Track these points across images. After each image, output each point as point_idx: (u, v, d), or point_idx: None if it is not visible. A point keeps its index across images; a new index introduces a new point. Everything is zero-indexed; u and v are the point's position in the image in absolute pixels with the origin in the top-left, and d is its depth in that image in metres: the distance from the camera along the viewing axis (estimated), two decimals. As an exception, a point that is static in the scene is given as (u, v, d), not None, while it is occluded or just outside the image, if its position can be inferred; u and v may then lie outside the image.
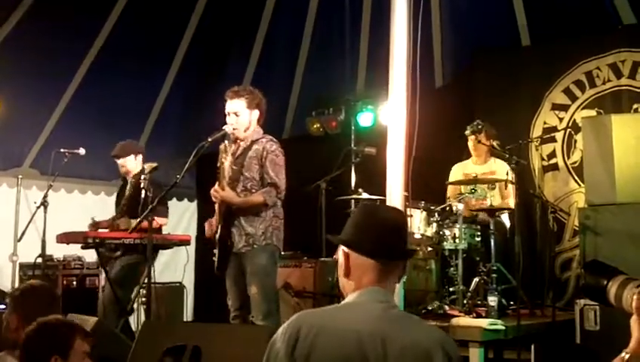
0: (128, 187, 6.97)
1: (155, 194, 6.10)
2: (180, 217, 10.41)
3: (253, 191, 5.48)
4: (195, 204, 10.79)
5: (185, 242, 6.87)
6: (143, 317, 6.44)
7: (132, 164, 6.96)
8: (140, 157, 6.99)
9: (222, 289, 5.61)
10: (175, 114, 10.06)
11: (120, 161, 6.99)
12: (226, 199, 5.42)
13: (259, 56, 9.88)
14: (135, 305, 6.78)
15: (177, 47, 9.53)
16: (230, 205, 5.44)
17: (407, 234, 2.65)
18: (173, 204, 8.97)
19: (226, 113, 5.57)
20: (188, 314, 9.48)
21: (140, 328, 4.77)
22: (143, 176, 6.28)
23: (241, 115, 5.55)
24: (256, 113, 5.60)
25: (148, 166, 6.63)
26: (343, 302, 2.48)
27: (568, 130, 8.07)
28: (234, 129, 5.55)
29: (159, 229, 6.75)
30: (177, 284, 8.80)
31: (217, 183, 5.48)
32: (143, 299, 6.36)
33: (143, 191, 6.22)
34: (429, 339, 2.29)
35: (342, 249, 2.56)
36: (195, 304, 10.06)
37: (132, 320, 6.77)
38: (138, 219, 6.01)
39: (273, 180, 5.48)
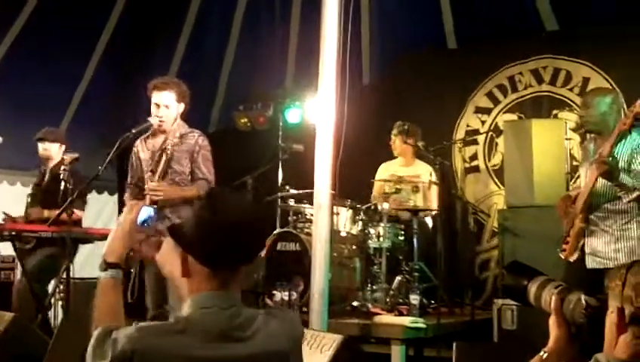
0: (47, 177, 6.82)
1: (75, 186, 5.96)
2: (100, 211, 10.17)
3: (182, 185, 5.42)
4: (115, 197, 10.59)
5: (106, 237, 6.73)
6: (60, 314, 6.30)
7: (56, 151, 6.82)
8: (63, 147, 6.86)
9: (142, 285, 5.52)
10: (97, 104, 9.84)
11: (45, 145, 6.82)
12: (168, 194, 5.28)
13: (185, 47, 9.78)
14: (53, 301, 6.63)
15: (100, 35, 9.34)
16: (169, 200, 5.29)
17: (256, 229, 2.28)
18: (93, 197, 8.79)
19: (154, 104, 5.42)
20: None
21: (58, 325, 4.69)
22: (63, 167, 6.14)
23: (170, 108, 5.42)
24: (182, 106, 5.49)
25: (69, 157, 6.51)
26: (185, 313, 2.16)
27: (490, 133, 8.23)
28: (161, 121, 5.42)
29: (78, 222, 6.62)
30: (98, 280, 8.64)
31: (149, 178, 5.35)
32: (62, 295, 6.21)
33: (63, 183, 6.07)
34: (280, 336, 2.19)
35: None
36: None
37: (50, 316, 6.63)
38: (57, 211, 5.88)
39: (205, 176, 5.40)
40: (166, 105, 5.40)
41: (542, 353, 2.27)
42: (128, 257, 2.57)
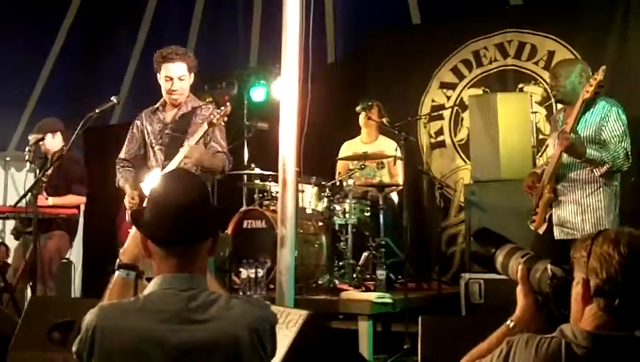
0: (49, 165, 6.75)
1: (69, 170, 6.37)
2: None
3: None
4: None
5: (73, 215, 6.71)
6: (29, 293, 6.27)
7: (50, 141, 6.67)
8: (57, 135, 6.70)
9: (110, 265, 5.46)
10: (61, 85, 9.78)
11: (38, 137, 6.72)
12: (201, 157, 4.99)
13: (149, 27, 9.70)
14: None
15: (64, 17, 9.27)
16: (199, 165, 5.01)
17: (207, 208, 2.34)
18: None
19: (165, 78, 5.19)
20: (76, 290, 9.29)
21: (26, 303, 4.67)
22: (27, 148, 6.28)
23: (185, 80, 5.22)
24: (192, 77, 5.31)
25: (33, 137, 6.50)
26: (145, 293, 2.23)
27: (455, 108, 8.24)
28: (179, 94, 5.22)
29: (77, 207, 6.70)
30: (65, 260, 8.59)
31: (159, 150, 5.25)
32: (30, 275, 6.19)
33: (28, 164, 6.25)
34: (237, 324, 2.15)
35: None
36: (84, 280, 9.85)
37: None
38: (59, 197, 6.30)
39: (223, 149, 5.25)
40: (180, 78, 5.20)
41: (508, 322, 2.28)
42: None
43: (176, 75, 5.18)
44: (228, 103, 5.17)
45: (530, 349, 1.99)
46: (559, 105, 5.55)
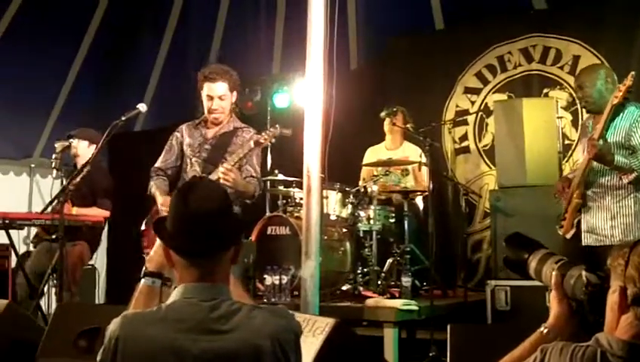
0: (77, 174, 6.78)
1: (97, 182, 6.43)
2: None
3: None
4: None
5: (98, 224, 6.73)
6: (54, 300, 6.29)
7: (83, 149, 6.70)
8: (93, 146, 6.64)
9: (134, 271, 5.48)
10: (86, 92, 9.83)
11: (73, 142, 6.74)
12: (235, 182, 4.94)
13: (173, 34, 9.74)
14: (46, 288, 6.62)
15: (89, 24, 9.32)
16: (232, 189, 4.88)
17: (229, 218, 2.32)
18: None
19: (207, 96, 5.24)
20: (100, 297, 9.32)
21: (53, 311, 4.68)
22: (54, 156, 6.33)
23: (226, 99, 5.25)
24: (234, 95, 5.33)
25: (59, 145, 6.52)
26: (168, 302, 2.24)
27: (480, 113, 8.19)
28: (219, 113, 5.25)
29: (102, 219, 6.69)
30: (89, 267, 8.62)
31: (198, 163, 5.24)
32: (55, 282, 6.21)
33: (54, 171, 6.33)
34: (258, 334, 2.13)
35: None
36: (108, 287, 9.89)
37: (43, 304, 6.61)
38: (85, 208, 6.34)
39: (258, 175, 5.27)
40: (220, 97, 5.23)
41: (542, 328, 2.25)
42: None
43: (216, 95, 5.22)
44: (277, 125, 5.21)
45: (564, 357, 1.96)
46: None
